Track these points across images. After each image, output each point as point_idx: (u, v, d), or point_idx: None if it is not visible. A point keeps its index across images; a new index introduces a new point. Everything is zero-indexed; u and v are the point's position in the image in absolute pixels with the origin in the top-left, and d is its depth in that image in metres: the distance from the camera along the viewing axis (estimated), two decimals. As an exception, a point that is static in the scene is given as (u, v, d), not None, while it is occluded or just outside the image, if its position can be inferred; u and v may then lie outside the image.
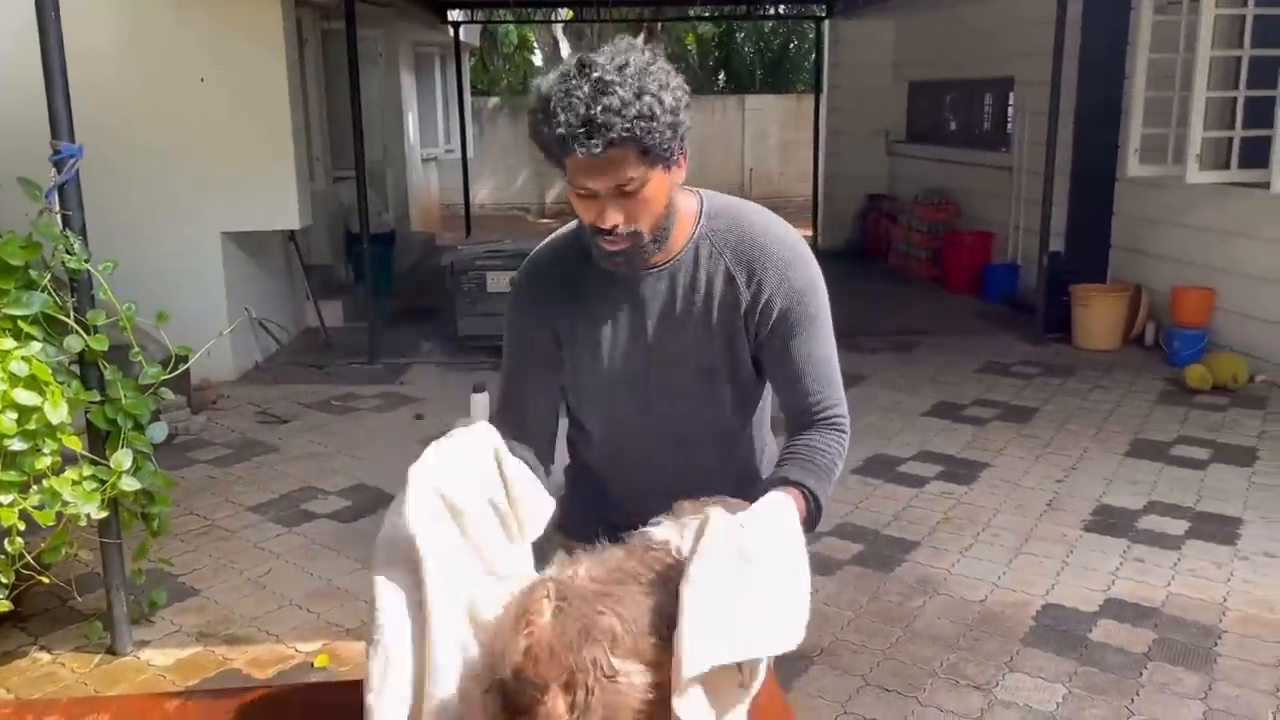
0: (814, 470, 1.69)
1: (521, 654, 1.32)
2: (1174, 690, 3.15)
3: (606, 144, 1.48)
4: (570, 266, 1.76)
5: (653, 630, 1.42)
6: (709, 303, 1.72)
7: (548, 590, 1.37)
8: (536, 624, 1.33)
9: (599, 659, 1.35)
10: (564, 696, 1.33)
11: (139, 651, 3.45)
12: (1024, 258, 8.78)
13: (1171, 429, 5.57)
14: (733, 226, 1.72)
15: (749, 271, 1.70)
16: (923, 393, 6.25)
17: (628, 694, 1.37)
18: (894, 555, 4.10)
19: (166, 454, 5.24)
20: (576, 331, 1.76)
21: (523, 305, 1.80)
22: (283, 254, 7.63)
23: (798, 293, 1.71)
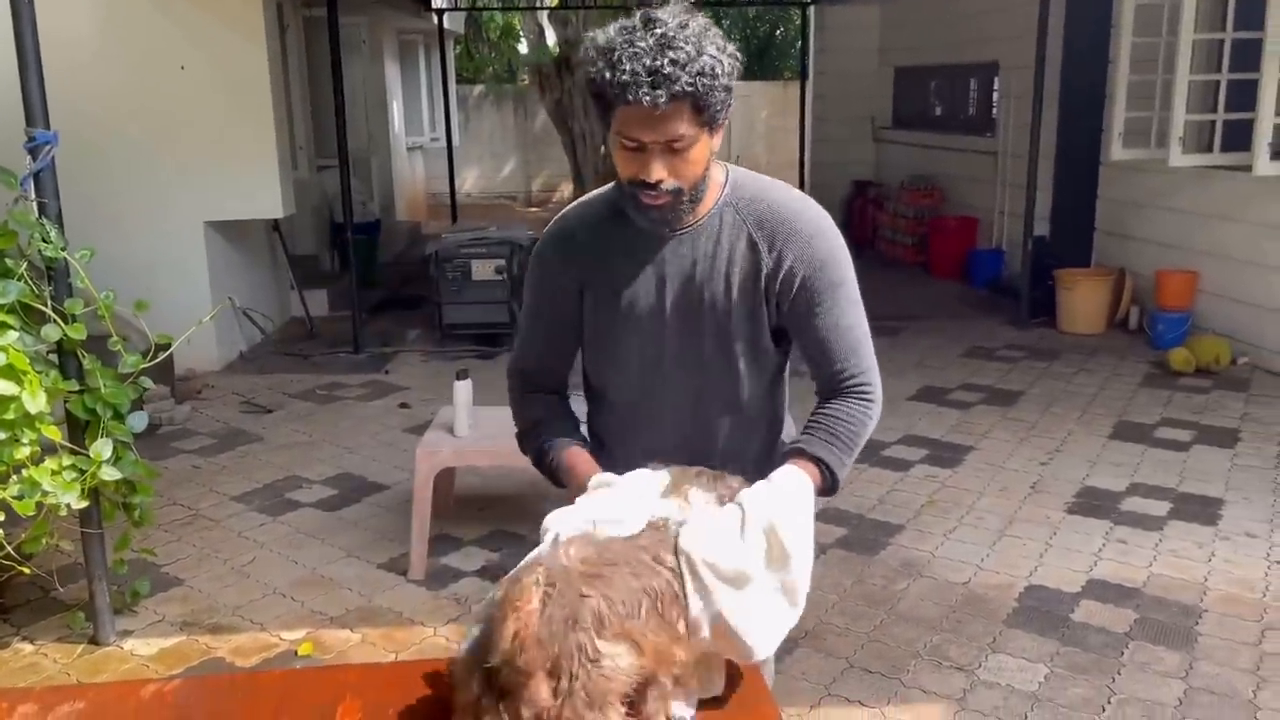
0: (833, 442, 1.73)
1: (509, 640, 1.32)
2: (1155, 669, 3.17)
3: (670, 96, 1.53)
4: (599, 225, 1.81)
5: (641, 612, 1.42)
6: (730, 269, 1.75)
7: (537, 576, 1.37)
8: (524, 610, 1.33)
9: (584, 644, 1.35)
10: (548, 682, 1.33)
11: (122, 641, 3.43)
12: (1009, 243, 8.80)
13: (1155, 411, 5.59)
14: (758, 196, 1.77)
15: (771, 240, 1.74)
16: (908, 377, 6.26)
17: (611, 677, 1.37)
18: (878, 539, 4.11)
19: (150, 444, 5.22)
20: (599, 289, 1.81)
21: (548, 259, 1.86)
22: (266, 243, 7.59)
23: (820, 261, 1.75)
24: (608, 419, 1.94)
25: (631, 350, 1.82)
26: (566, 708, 1.34)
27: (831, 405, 1.78)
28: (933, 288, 9.01)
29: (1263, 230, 6.31)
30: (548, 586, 1.35)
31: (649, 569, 1.44)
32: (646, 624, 1.42)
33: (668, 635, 1.45)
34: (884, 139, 11.48)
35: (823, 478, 1.72)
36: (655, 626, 1.44)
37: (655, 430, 1.87)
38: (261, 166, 6.34)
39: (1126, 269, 7.40)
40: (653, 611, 1.43)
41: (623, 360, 1.84)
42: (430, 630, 3.47)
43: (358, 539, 4.18)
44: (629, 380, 1.85)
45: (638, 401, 1.87)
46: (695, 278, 1.75)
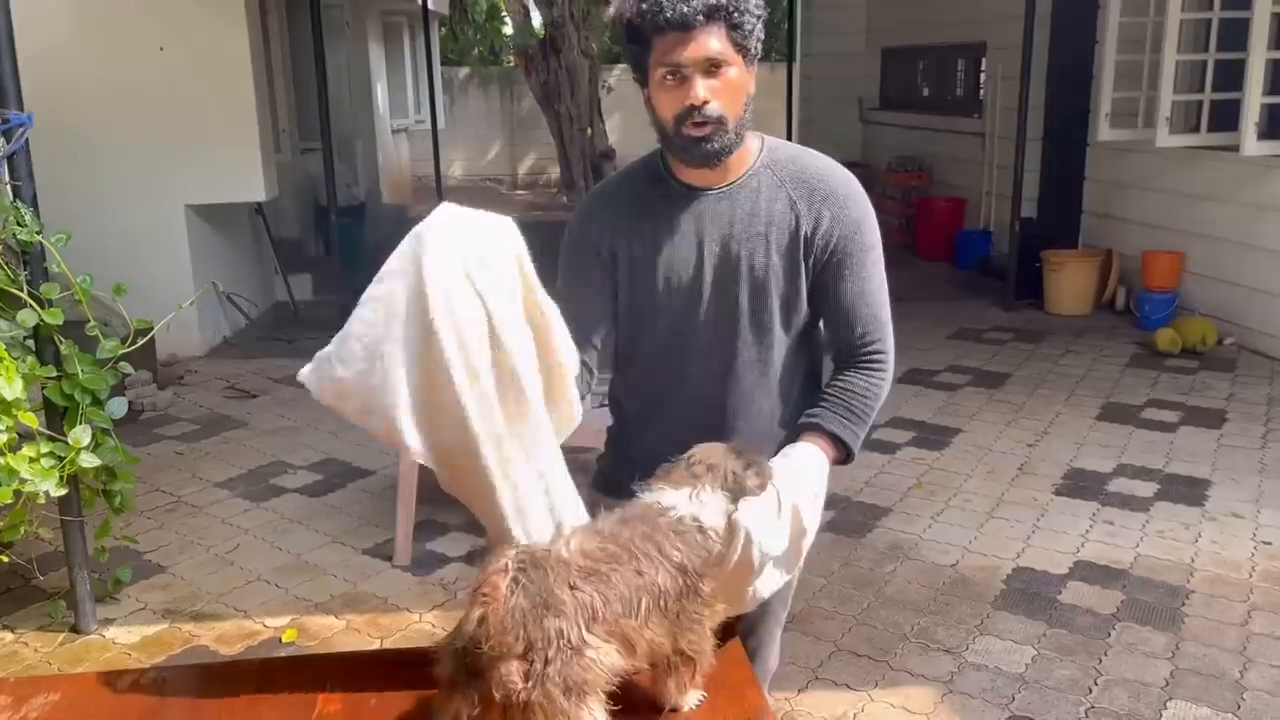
0: (849, 417, 1.77)
1: (475, 624, 1.30)
2: (1142, 650, 3.17)
3: (706, 11, 1.59)
4: (636, 189, 1.83)
5: (640, 610, 1.40)
6: (769, 228, 1.77)
7: (506, 563, 1.34)
8: (492, 596, 1.31)
9: (565, 631, 1.33)
10: (519, 665, 1.31)
11: (104, 630, 3.40)
12: (996, 224, 8.78)
13: (1142, 392, 5.60)
14: (794, 159, 1.80)
15: (809, 200, 1.76)
16: (896, 361, 6.23)
17: (594, 670, 1.35)
18: (866, 522, 4.10)
19: (133, 430, 5.18)
20: (635, 250, 1.81)
21: (585, 223, 1.86)
22: (250, 227, 7.52)
23: (855, 223, 1.77)
24: (636, 381, 1.93)
25: (667, 310, 1.81)
26: (538, 691, 1.32)
27: (847, 377, 1.81)
28: (920, 269, 8.99)
29: (1249, 210, 6.31)
30: (517, 573, 1.32)
31: (652, 564, 1.42)
32: (645, 622, 1.40)
33: (667, 630, 1.43)
34: (871, 120, 11.44)
35: (837, 452, 1.76)
36: (655, 623, 1.42)
37: (685, 398, 1.85)
38: (243, 149, 6.27)
39: (1114, 250, 7.40)
40: (654, 609, 1.41)
41: (657, 320, 1.82)
42: (415, 616, 3.45)
43: (343, 525, 4.15)
44: (662, 341, 1.84)
45: (670, 365, 1.85)
46: (733, 236, 1.76)
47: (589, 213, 1.87)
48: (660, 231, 1.79)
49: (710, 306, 1.80)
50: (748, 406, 1.86)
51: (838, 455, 1.76)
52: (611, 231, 1.82)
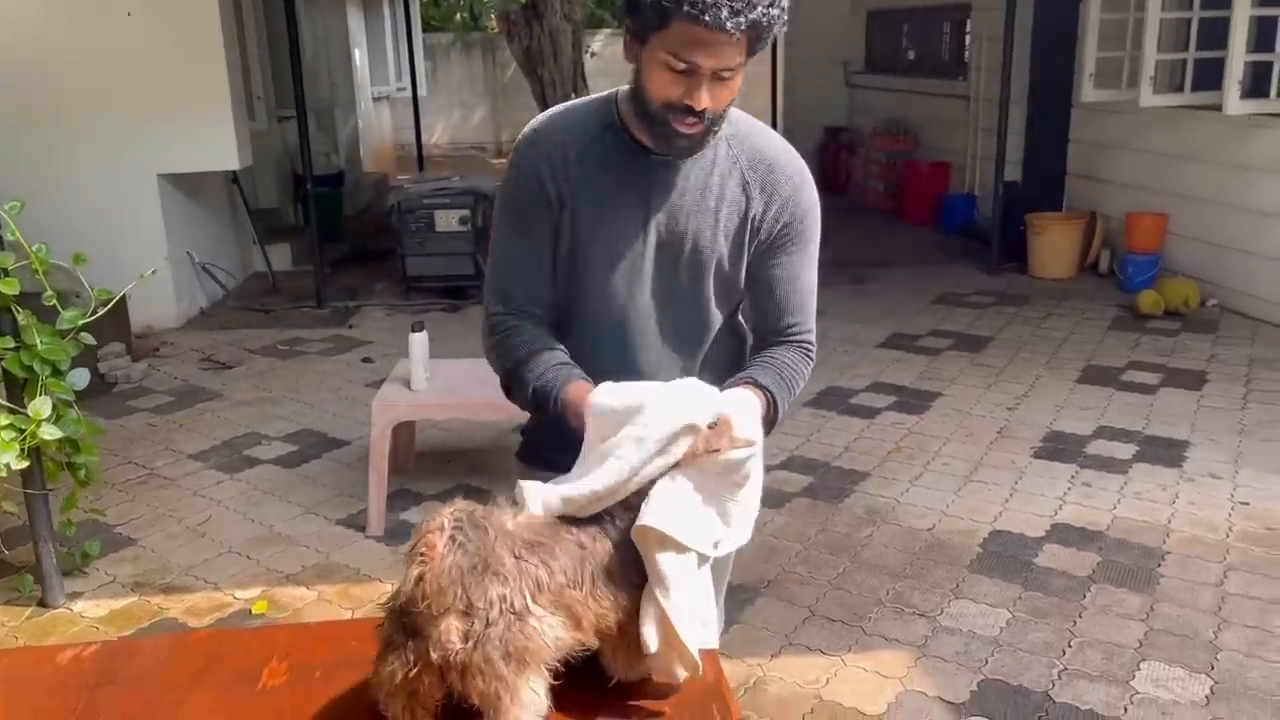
0: (779, 381, 1.72)
1: (413, 583, 1.26)
2: (1116, 611, 3.16)
3: (748, 23, 1.47)
4: (585, 136, 1.72)
5: (584, 580, 1.36)
6: (719, 203, 1.71)
7: (443, 520, 1.31)
8: (428, 554, 1.28)
9: (507, 595, 1.30)
10: (459, 625, 1.28)
11: (71, 603, 3.36)
12: (981, 187, 8.73)
13: (1123, 355, 5.57)
14: (752, 135, 1.74)
15: (763, 181, 1.71)
16: (878, 325, 6.21)
17: (536, 640, 1.31)
18: (844, 486, 4.08)
19: (106, 402, 5.13)
20: (580, 202, 1.70)
21: (534, 161, 1.72)
22: (226, 197, 7.43)
23: (804, 211, 1.73)
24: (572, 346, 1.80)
25: (605, 274, 1.73)
26: (478, 653, 1.29)
27: (775, 350, 1.77)
28: (904, 233, 8.94)
29: (1231, 170, 6.27)
30: (454, 531, 1.28)
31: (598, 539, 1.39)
32: (590, 594, 1.37)
33: (613, 602, 1.39)
34: (856, 84, 11.33)
35: (766, 409, 1.69)
36: (601, 595, 1.38)
37: (621, 362, 1.77)
38: (214, 117, 6.16)
39: (1097, 212, 7.35)
40: (601, 580, 1.38)
41: (595, 284, 1.74)
42: (388, 586, 3.39)
43: (316, 495, 4.11)
44: (599, 306, 1.75)
45: (607, 326, 1.77)
46: (683, 208, 1.70)
47: (539, 149, 1.71)
48: (606, 189, 1.70)
49: (650, 275, 1.73)
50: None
51: (766, 413, 1.69)
52: (564, 178, 1.69)
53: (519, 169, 1.74)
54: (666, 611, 1.39)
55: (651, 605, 1.42)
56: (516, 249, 1.75)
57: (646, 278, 1.73)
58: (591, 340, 1.79)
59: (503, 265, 1.76)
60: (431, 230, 6.80)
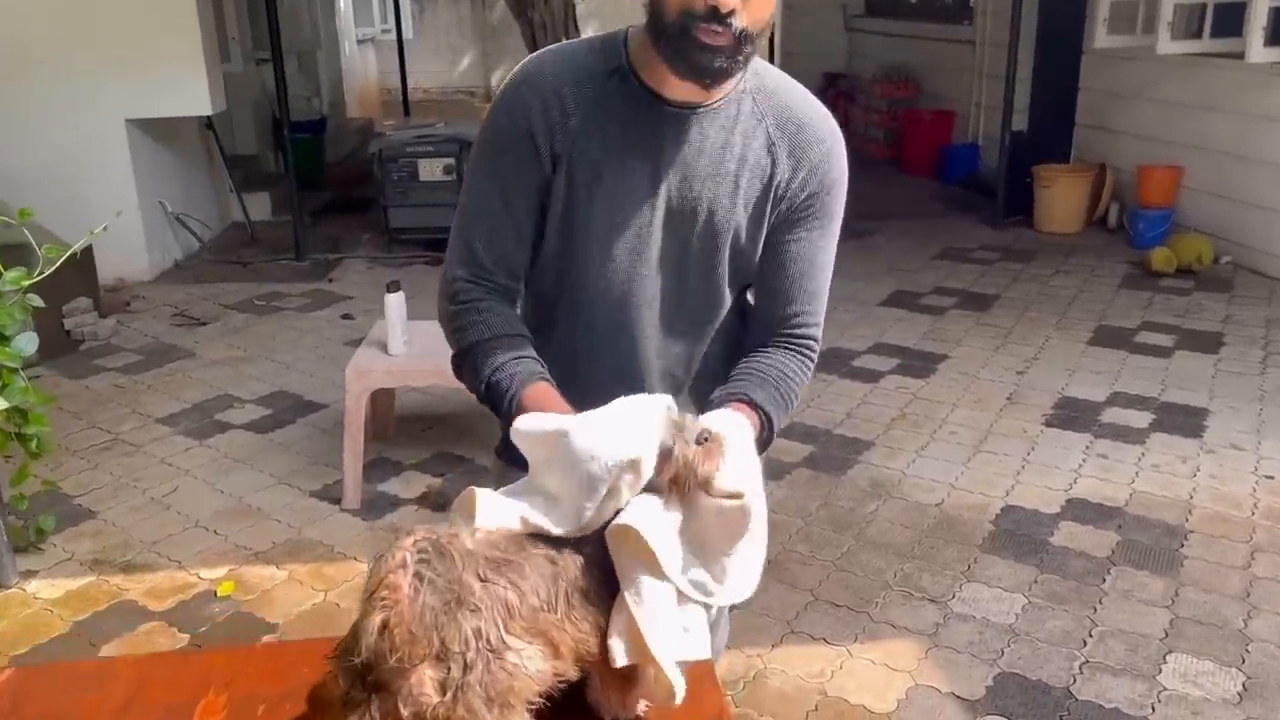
0: (777, 396, 1.49)
1: (376, 634, 1.04)
2: (1139, 597, 2.97)
3: None
4: (586, 81, 1.45)
5: (558, 602, 1.15)
6: (741, 165, 1.46)
7: (404, 555, 1.08)
8: (393, 597, 1.05)
9: (484, 631, 1.08)
10: (433, 673, 1.06)
11: (25, 583, 3.15)
12: (985, 137, 8.44)
13: (1135, 315, 5.35)
14: (781, 91, 1.49)
15: (791, 144, 1.47)
16: (879, 281, 5.97)
17: (519, 676, 1.10)
18: (846, 457, 3.87)
19: (71, 361, 4.89)
20: (577, 159, 1.44)
21: (524, 106, 1.45)
22: (201, 144, 7.11)
23: (832, 183, 1.51)
24: (560, 330, 1.58)
25: (605, 246, 1.48)
26: (460, 705, 1.07)
27: (773, 356, 1.53)
28: (905, 185, 8.66)
29: (1252, 121, 6.00)
30: (419, 565, 1.06)
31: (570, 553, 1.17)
32: (567, 616, 1.15)
33: (593, 624, 1.18)
34: (856, 28, 10.95)
35: (761, 430, 1.46)
36: (579, 617, 1.17)
37: (615, 347, 1.55)
38: (184, 59, 5.83)
39: (1107, 164, 7.09)
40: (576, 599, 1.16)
41: (593, 257, 1.49)
42: (363, 565, 3.21)
43: (290, 464, 3.89)
44: (596, 283, 1.51)
45: (602, 306, 1.53)
46: (698, 170, 1.45)
47: (531, 95, 1.45)
48: (611, 143, 1.44)
49: (659, 252, 1.49)
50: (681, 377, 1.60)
51: (760, 434, 1.45)
52: (560, 130, 1.44)
53: (506, 116, 1.47)
54: (636, 620, 1.17)
55: (622, 613, 1.20)
56: (491, 207, 1.50)
57: (653, 251, 1.49)
58: (585, 323, 1.55)
59: (473, 224, 1.51)
60: (415, 180, 6.50)
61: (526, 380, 1.43)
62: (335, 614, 2.96)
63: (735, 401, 1.45)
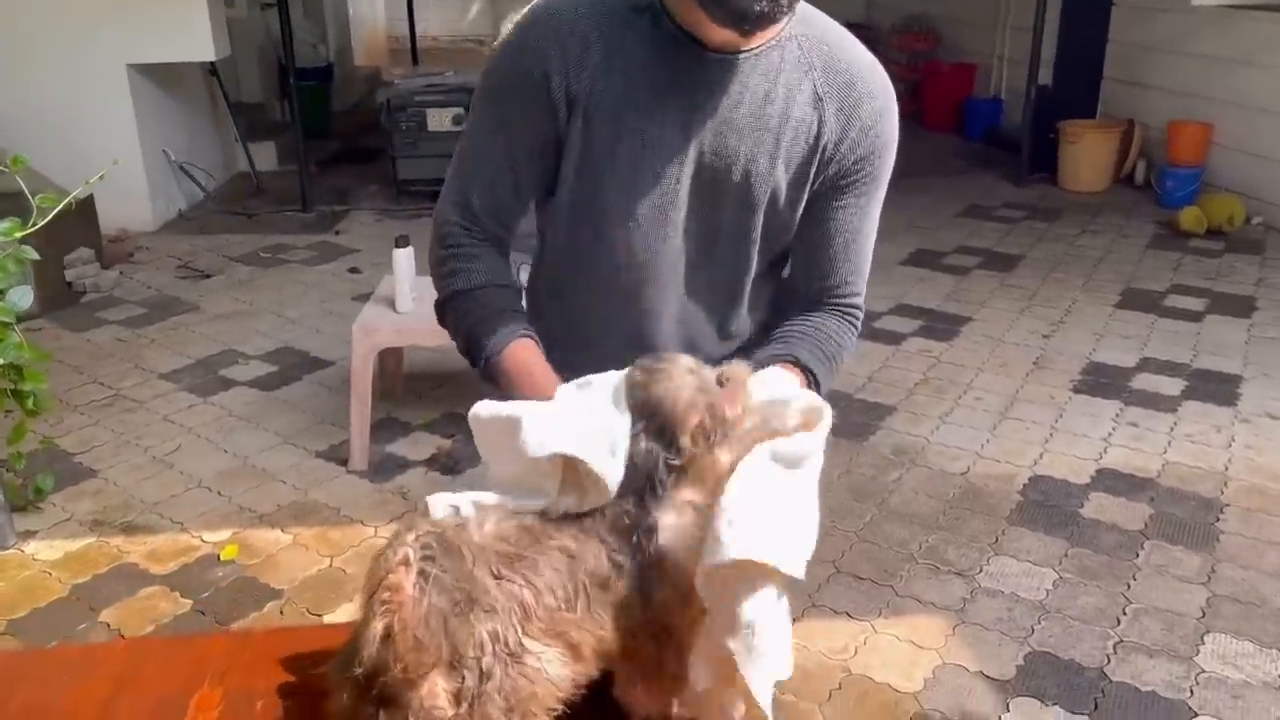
0: (822, 356, 1.38)
1: (379, 641, 0.93)
2: (1173, 573, 2.86)
3: None
4: (609, 19, 1.30)
5: (576, 601, 1.04)
6: (784, 120, 1.31)
7: (407, 553, 0.97)
8: (395, 599, 0.94)
9: (500, 634, 0.97)
10: (446, 683, 0.95)
11: (23, 544, 3.06)
12: (1009, 91, 8.21)
13: (1165, 277, 5.20)
14: (829, 38, 1.33)
15: (841, 99, 1.32)
16: (900, 240, 5.81)
17: (538, 682, 0.99)
18: (868, 422, 3.75)
19: (72, 314, 4.79)
20: (597, 107, 1.30)
21: (531, 47, 1.31)
22: (205, 91, 6.93)
23: (883, 145, 1.37)
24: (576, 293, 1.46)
25: (627, 205, 1.35)
26: (477, 717, 0.97)
27: (818, 318, 1.42)
28: (925, 141, 8.44)
29: (1290, 77, 5.80)
30: (423, 563, 0.95)
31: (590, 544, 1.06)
32: (588, 612, 1.04)
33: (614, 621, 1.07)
34: (877, -23, 10.67)
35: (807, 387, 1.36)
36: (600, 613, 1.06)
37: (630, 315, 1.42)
38: (186, 2, 5.65)
39: (1136, 120, 6.88)
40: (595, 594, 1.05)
41: (612, 218, 1.36)
42: (370, 530, 3.12)
43: (295, 423, 3.78)
44: (615, 247, 1.38)
45: (620, 279, 1.40)
46: (735, 122, 1.31)
47: (548, 32, 1.30)
48: (638, 89, 1.29)
49: (687, 214, 1.35)
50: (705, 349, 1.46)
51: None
52: (578, 73, 1.29)
53: (516, 58, 1.33)
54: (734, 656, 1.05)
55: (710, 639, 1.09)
56: (493, 151, 1.37)
57: (679, 212, 1.35)
58: (600, 287, 1.43)
59: (471, 167, 1.39)
60: (423, 130, 6.34)
61: (508, 337, 1.35)
62: (341, 580, 2.87)
63: (779, 362, 1.35)
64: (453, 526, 1.03)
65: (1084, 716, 2.35)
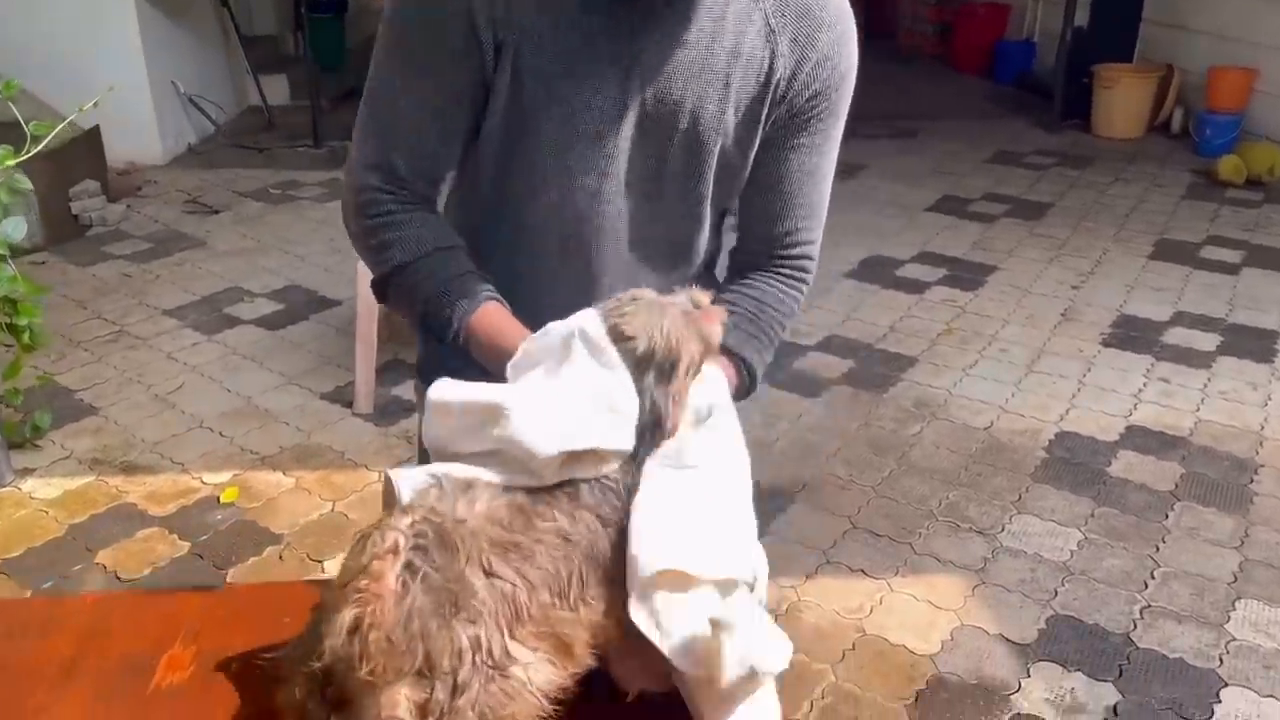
0: (760, 338, 1.28)
1: (345, 634, 0.82)
2: (1204, 536, 2.75)
3: None
4: None
5: (570, 591, 0.93)
6: (733, 59, 1.18)
7: (397, 539, 0.86)
8: (374, 590, 0.83)
9: (482, 639, 0.86)
10: (411, 693, 0.84)
11: (20, 481, 3.00)
12: (1042, 33, 7.95)
13: (1200, 228, 5.02)
14: None
15: (795, 30, 1.19)
16: (926, 185, 5.63)
17: (519, 698, 0.88)
18: (889, 373, 3.63)
19: (78, 247, 4.70)
20: (527, 49, 1.15)
21: None
22: (216, 21, 6.77)
23: (841, 77, 1.24)
24: (503, 261, 1.30)
25: (562, 160, 1.20)
26: None
27: (759, 283, 1.31)
28: (955, 83, 8.21)
29: (1339, 21, 5.55)
30: (414, 554, 0.84)
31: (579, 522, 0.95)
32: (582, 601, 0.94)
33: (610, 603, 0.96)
34: (909, -87, 10.32)
35: (740, 381, 1.27)
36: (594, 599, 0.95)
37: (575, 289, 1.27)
38: (194, -74, 5.48)
39: (1174, 65, 6.63)
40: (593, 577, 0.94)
41: (545, 175, 1.22)
42: (374, 475, 3.04)
43: (301, 363, 3.70)
44: (550, 207, 1.24)
45: (557, 223, 1.26)
46: (680, 65, 1.17)
47: None
48: (570, 31, 1.14)
49: (629, 160, 1.22)
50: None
51: (739, 386, 1.26)
52: (505, 11, 1.14)
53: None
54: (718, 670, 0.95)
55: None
56: (412, 102, 1.20)
57: (620, 164, 1.22)
58: (532, 254, 1.29)
59: (389, 121, 1.21)
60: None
61: (474, 302, 1.20)
62: (343, 525, 2.80)
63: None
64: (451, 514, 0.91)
65: (1108, 683, 2.26)
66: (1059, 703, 2.21)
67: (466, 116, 1.21)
